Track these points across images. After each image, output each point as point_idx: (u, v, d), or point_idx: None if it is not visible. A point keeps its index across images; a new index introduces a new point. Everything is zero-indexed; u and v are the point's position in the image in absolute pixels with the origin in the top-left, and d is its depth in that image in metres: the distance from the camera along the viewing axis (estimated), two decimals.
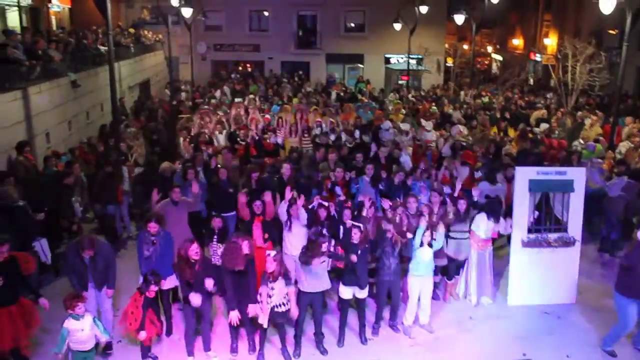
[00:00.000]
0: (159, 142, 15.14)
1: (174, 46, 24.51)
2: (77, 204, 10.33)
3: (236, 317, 7.30)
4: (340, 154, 12.20)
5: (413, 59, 29.10)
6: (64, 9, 26.91)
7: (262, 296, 7.18)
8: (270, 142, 13.61)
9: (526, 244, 8.79)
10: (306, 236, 8.33)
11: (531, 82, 33.06)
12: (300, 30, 35.38)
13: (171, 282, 7.86)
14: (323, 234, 8.18)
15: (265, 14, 35.09)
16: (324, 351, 7.75)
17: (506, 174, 10.66)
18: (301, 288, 7.61)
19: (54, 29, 22.57)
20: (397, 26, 28.74)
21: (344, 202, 9.22)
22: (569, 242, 8.85)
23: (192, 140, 13.87)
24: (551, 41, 35.11)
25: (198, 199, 9.51)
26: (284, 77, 30.23)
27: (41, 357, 7.36)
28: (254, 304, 7.27)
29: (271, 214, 8.81)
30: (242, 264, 7.19)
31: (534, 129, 16.78)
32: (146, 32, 29.62)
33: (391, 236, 7.89)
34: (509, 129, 16.60)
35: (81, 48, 17.99)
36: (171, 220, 8.62)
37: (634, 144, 14.06)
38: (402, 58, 31.11)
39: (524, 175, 8.84)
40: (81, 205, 10.89)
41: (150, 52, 28.21)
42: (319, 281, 7.53)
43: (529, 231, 8.85)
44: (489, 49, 48.50)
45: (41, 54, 14.50)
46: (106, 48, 16.16)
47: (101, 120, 17.67)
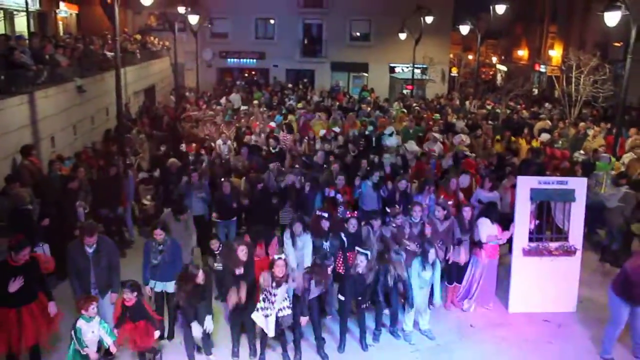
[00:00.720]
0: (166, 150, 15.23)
1: (180, 53, 24.66)
2: (80, 209, 10.37)
3: (234, 300, 7.36)
4: (344, 162, 12.29)
5: (418, 68, 29.22)
6: (71, 14, 27.18)
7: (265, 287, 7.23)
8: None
9: (527, 253, 8.82)
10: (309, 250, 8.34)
11: (535, 93, 33.11)
12: (305, 38, 35.58)
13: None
14: (327, 257, 8.19)
15: (271, 21, 35.30)
16: (324, 356, 7.77)
17: (508, 182, 10.71)
18: (298, 293, 7.64)
19: (61, 34, 22.78)
20: (402, 36, 28.90)
21: (349, 211, 9.30)
22: (569, 251, 8.88)
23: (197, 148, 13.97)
24: (556, 53, 35.24)
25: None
26: (289, 85, 30.39)
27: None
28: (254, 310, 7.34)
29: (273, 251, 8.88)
30: (239, 267, 7.27)
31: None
32: (152, 39, 29.83)
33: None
34: (512, 139, 16.62)
35: (88, 53, 18.14)
36: (173, 230, 8.69)
37: (637, 155, 14.10)
38: (407, 67, 31.23)
39: (525, 185, 8.88)
40: (85, 210, 10.95)
41: (156, 59, 28.36)
42: (316, 289, 7.62)
43: (530, 240, 8.89)
44: (494, 59, 48.67)
45: (48, 59, 14.63)
46: (113, 54, 16.32)
47: (106, 125, 17.78)
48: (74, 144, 15.14)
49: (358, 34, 35.47)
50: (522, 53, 43.00)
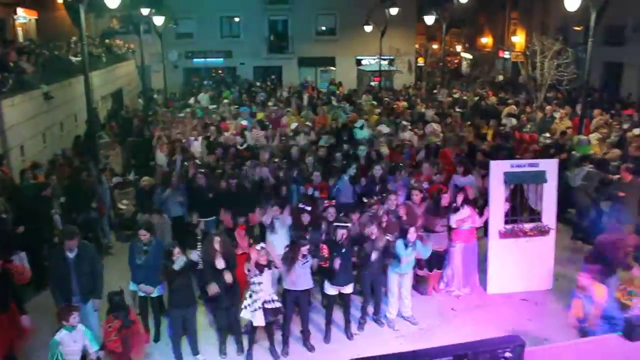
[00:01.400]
0: (136, 154, 15.11)
1: (146, 55, 24.40)
2: (57, 216, 10.26)
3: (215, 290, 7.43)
4: (319, 155, 12.38)
5: (384, 59, 29.43)
6: (30, 20, 26.59)
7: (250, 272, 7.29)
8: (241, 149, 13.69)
9: (503, 235, 9.04)
10: (289, 237, 8.46)
11: (500, 79, 33.65)
12: (271, 34, 35.54)
13: (160, 290, 7.93)
14: (304, 237, 8.26)
15: (236, 19, 35.15)
16: (311, 348, 7.88)
17: (481, 171, 10.92)
18: (285, 287, 7.73)
19: (21, 40, 22.31)
20: (368, 28, 29.07)
21: (327, 200, 9.38)
22: (544, 231, 9.13)
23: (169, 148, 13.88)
24: (519, 39, 35.84)
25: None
26: (257, 82, 30.33)
27: None
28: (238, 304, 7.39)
29: (255, 220, 8.93)
30: (217, 259, 7.37)
31: (505, 123, 17.15)
32: (118, 41, 29.44)
33: (374, 236, 8.04)
34: (481, 125, 16.91)
35: (53, 59, 17.85)
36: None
37: (601, 135, 14.50)
38: (374, 59, 31.44)
39: (499, 169, 9.09)
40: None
41: (121, 62, 28.03)
42: (302, 281, 7.65)
43: (506, 222, 9.10)
44: (458, 48, 49.24)
45: (12, 66, 14.38)
46: (78, 59, 16.11)
47: (75, 131, 17.53)
48: (43, 152, 14.90)
49: (324, 28, 35.59)
50: (486, 40, 43.62)
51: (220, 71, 35.91)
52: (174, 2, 30.96)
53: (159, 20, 23.95)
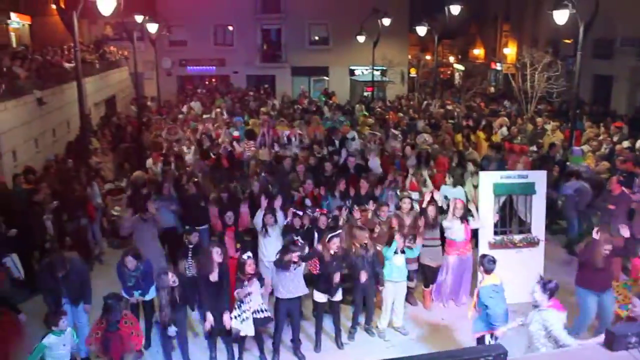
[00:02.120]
0: (129, 161, 15.10)
1: (139, 62, 24.43)
2: (48, 222, 10.26)
3: (210, 323, 7.42)
4: (309, 164, 12.44)
5: (377, 70, 29.60)
6: (23, 25, 26.56)
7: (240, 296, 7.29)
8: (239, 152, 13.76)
9: (493, 246, 9.12)
10: (281, 242, 8.51)
11: (492, 91, 33.91)
12: (264, 43, 35.66)
13: (151, 294, 7.95)
14: (296, 241, 8.33)
15: (230, 28, 35.24)
16: (302, 357, 7.92)
17: (472, 180, 11.02)
18: (278, 295, 7.75)
19: (14, 45, 22.29)
20: (361, 38, 29.21)
21: (318, 209, 9.44)
22: (533, 242, 9.23)
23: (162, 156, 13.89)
24: (510, 50, 36.12)
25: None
26: (250, 91, 30.38)
27: None
28: (229, 312, 7.42)
29: (245, 224, 8.97)
30: (214, 270, 7.36)
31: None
32: (111, 48, 29.46)
33: (366, 243, 8.11)
34: (471, 135, 17.05)
35: (46, 65, 17.86)
36: (141, 236, 8.75)
37: (592, 147, 14.67)
38: (367, 69, 31.60)
39: (488, 180, 9.20)
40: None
41: (115, 68, 28.06)
42: (295, 287, 7.67)
43: (495, 233, 9.20)
44: (451, 59, 49.58)
45: (6, 71, 14.40)
46: (71, 65, 16.13)
47: (68, 137, 17.52)
48: (36, 157, 14.91)
49: (317, 37, 35.74)
50: (478, 52, 43.94)
51: (214, 79, 35.98)
52: (167, 10, 31.02)
53: (152, 28, 24.00)
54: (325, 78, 35.76)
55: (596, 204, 10.69)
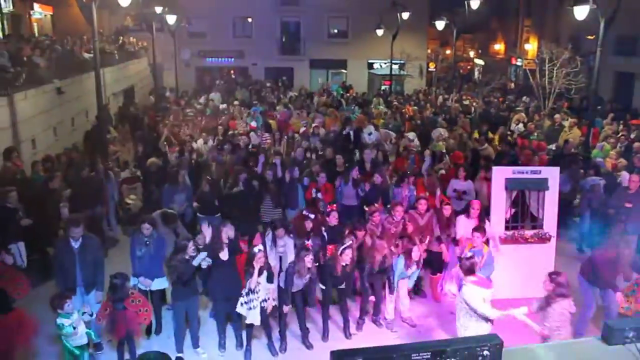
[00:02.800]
0: (144, 149, 15.28)
1: (158, 53, 24.61)
2: (65, 209, 10.43)
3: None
4: (325, 158, 12.49)
5: (395, 64, 29.49)
6: (45, 15, 26.94)
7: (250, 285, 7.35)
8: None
9: (503, 240, 9.10)
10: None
11: (512, 86, 33.60)
12: (283, 36, 35.70)
13: (160, 284, 8.06)
14: (307, 248, 8.29)
15: (249, 20, 35.33)
16: (309, 346, 7.99)
17: (486, 175, 10.99)
18: (283, 286, 7.85)
19: (36, 35, 22.63)
20: (380, 32, 29.14)
21: (330, 204, 9.49)
22: (544, 238, 9.18)
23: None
24: (531, 46, 35.77)
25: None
26: (268, 83, 30.49)
27: None
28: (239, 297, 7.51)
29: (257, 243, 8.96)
30: (223, 249, 7.48)
31: (513, 130, 17.23)
32: (131, 39, 29.70)
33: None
34: (489, 132, 16.97)
35: (66, 55, 18.09)
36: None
37: (610, 144, 14.51)
38: (385, 63, 31.51)
39: (501, 175, 9.17)
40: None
41: (134, 59, 28.31)
42: (299, 282, 7.77)
43: (506, 228, 9.17)
44: (471, 53, 49.20)
45: (26, 60, 14.62)
46: (91, 55, 16.32)
47: (86, 126, 17.76)
48: (54, 146, 15.14)
49: (336, 30, 35.72)
50: (499, 47, 43.57)
51: (232, 71, 36.11)
52: (187, 1, 31.15)
53: (171, 19, 24.14)
54: (344, 71, 35.75)
55: (611, 202, 10.57)
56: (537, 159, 12.77)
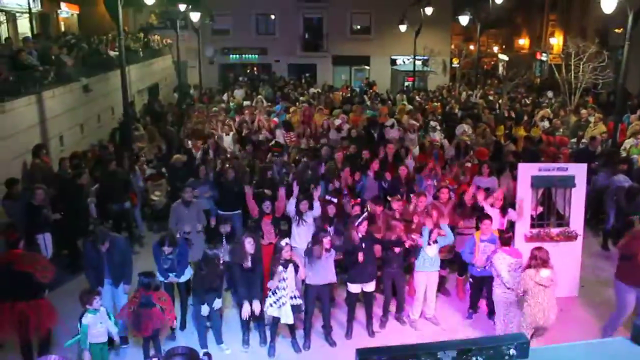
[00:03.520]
0: (169, 145, 15.46)
1: (182, 50, 24.83)
2: (92, 205, 10.61)
3: (247, 312, 7.57)
4: (349, 152, 12.49)
5: (419, 60, 29.31)
6: (72, 14, 27.37)
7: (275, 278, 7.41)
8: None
9: (529, 238, 8.99)
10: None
11: (538, 82, 33.17)
12: (306, 32, 35.72)
13: (187, 275, 8.19)
14: (326, 229, 8.35)
15: (272, 17, 35.41)
16: (332, 343, 8.01)
17: (512, 172, 10.90)
18: (307, 281, 7.87)
19: (63, 34, 22.98)
20: (403, 27, 28.94)
21: (352, 200, 9.50)
22: (571, 237, 9.05)
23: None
24: (557, 40, 35.24)
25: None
26: (291, 80, 30.55)
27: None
28: (262, 299, 7.57)
29: (281, 210, 9.06)
30: (247, 260, 7.50)
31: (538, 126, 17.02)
32: (155, 37, 30.00)
33: (398, 237, 8.12)
34: (514, 127, 16.79)
35: (92, 53, 18.35)
36: (181, 219, 8.98)
37: (638, 140, 14.24)
38: (408, 59, 31.33)
39: (526, 172, 9.06)
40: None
41: (158, 57, 28.59)
42: (325, 274, 7.78)
43: (532, 226, 9.06)
44: (495, 49, 48.65)
45: (54, 59, 14.86)
46: (116, 53, 16.52)
47: (112, 123, 18.01)
48: (81, 143, 15.37)
49: (359, 27, 35.60)
50: (523, 42, 43.02)
51: (255, 68, 36.26)
52: None
53: (195, 17, 24.33)
54: (367, 67, 35.61)
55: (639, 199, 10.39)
56: (560, 154, 12.64)
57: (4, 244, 7.15)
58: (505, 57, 44.90)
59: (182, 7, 23.15)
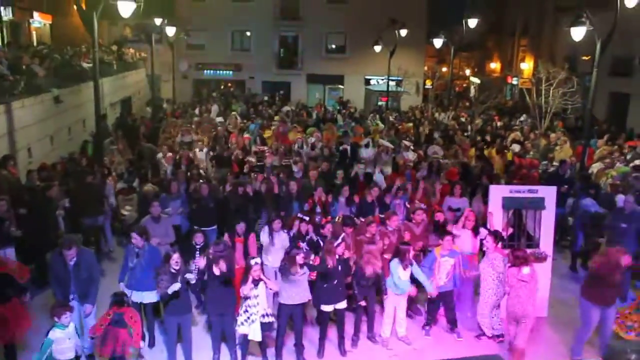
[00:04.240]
0: (140, 158, 15.30)
1: (156, 64, 24.67)
2: (60, 218, 10.38)
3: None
4: (322, 169, 12.50)
5: (392, 80, 29.64)
6: (44, 24, 26.97)
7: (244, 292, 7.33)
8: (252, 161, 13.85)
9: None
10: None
11: (509, 104, 33.80)
12: (281, 50, 35.86)
13: (153, 297, 7.94)
14: (299, 247, 8.30)
15: (248, 34, 35.49)
16: None
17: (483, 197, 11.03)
18: (281, 300, 7.80)
19: (35, 44, 22.65)
20: (377, 48, 29.26)
21: (324, 217, 9.49)
22: (540, 258, 9.17)
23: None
24: (527, 65, 36.02)
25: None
26: (265, 97, 30.57)
27: None
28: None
29: (253, 250, 8.96)
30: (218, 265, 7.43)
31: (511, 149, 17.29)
32: (129, 50, 29.79)
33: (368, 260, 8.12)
34: (485, 149, 17.04)
35: (64, 64, 18.10)
36: (155, 236, 8.83)
37: (604, 164, 14.58)
38: (382, 79, 31.64)
39: (497, 193, 9.19)
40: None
41: (132, 70, 28.35)
42: (298, 293, 7.72)
43: (503, 247, 9.15)
44: (467, 72, 49.55)
45: (25, 69, 14.62)
46: (89, 65, 16.33)
47: (83, 136, 17.71)
48: (51, 155, 15.09)
49: (334, 46, 35.90)
50: (495, 66, 43.87)
51: (230, 84, 36.22)
52: (186, 14, 31.33)
53: (170, 31, 24.25)
54: (341, 86, 35.87)
55: (607, 223, 10.61)
56: (528, 176, 12.89)
57: None
58: (477, 80, 45.72)
59: (158, 21, 23.05)
